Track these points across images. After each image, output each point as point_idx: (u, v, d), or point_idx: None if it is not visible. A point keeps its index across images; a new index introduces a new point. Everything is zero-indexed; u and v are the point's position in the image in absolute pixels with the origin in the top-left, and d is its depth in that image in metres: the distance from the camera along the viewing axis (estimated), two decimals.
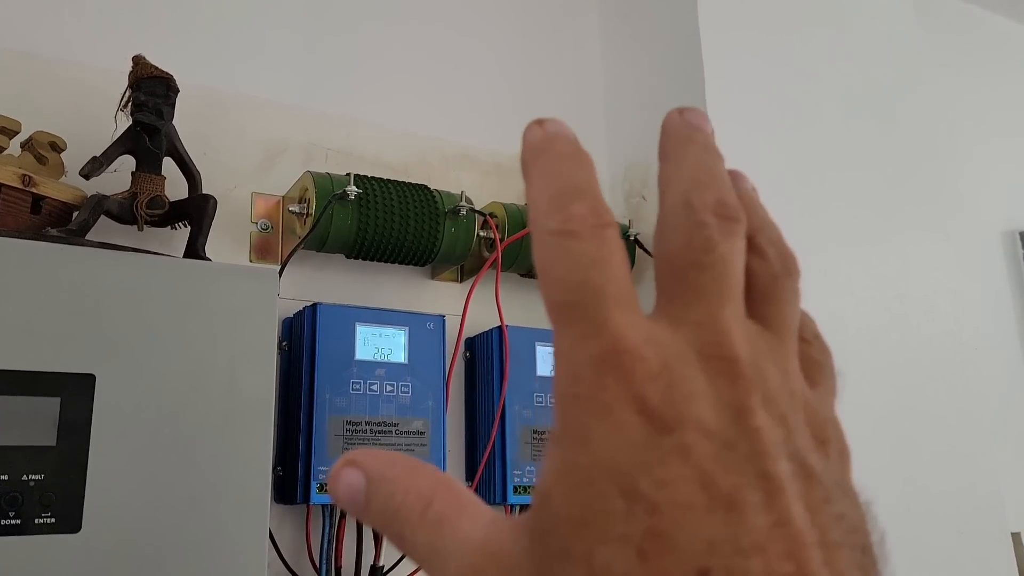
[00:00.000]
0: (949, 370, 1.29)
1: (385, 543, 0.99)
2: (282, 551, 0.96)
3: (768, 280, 0.23)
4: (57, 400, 0.66)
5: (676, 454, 0.19)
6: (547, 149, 0.23)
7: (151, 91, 0.88)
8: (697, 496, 0.18)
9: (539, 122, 0.24)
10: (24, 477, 0.64)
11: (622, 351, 0.20)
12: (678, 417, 0.19)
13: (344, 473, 0.24)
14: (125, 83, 0.90)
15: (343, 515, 0.98)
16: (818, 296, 1.16)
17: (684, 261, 0.21)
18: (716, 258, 0.21)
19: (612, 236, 0.21)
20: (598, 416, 0.19)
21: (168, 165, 0.92)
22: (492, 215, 1.11)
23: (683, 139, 0.24)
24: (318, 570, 0.96)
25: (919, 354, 1.26)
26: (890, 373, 1.21)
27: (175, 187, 0.92)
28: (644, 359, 0.20)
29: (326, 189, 0.99)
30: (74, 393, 0.67)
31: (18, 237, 0.71)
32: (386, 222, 1.02)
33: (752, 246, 0.23)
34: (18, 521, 0.63)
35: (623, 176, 1.32)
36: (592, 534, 0.18)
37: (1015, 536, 1.38)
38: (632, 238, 1.21)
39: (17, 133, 0.83)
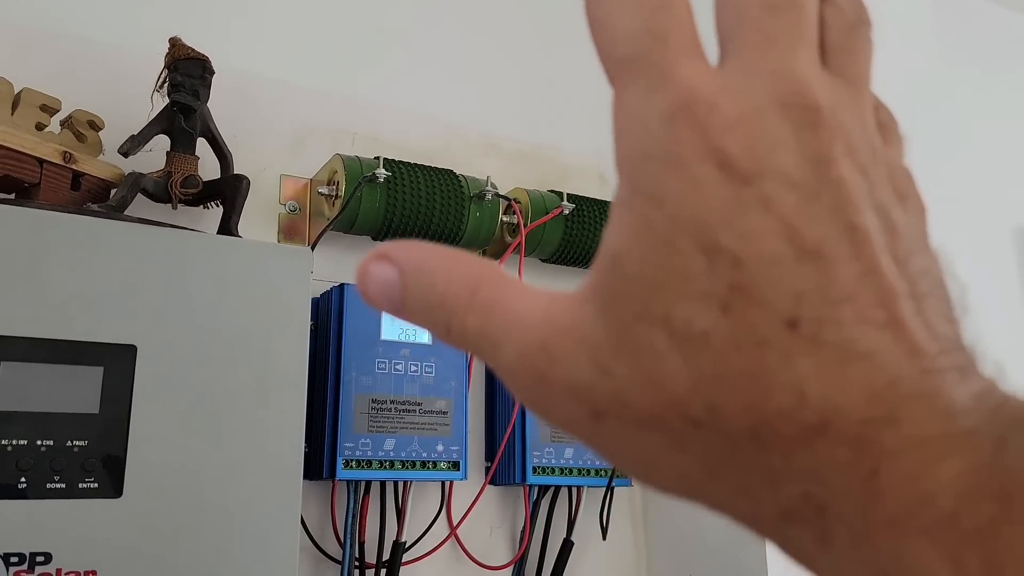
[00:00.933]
0: None
1: (408, 519, 1.01)
2: (308, 526, 0.98)
3: (842, 29, 0.21)
4: (100, 370, 0.69)
5: (758, 206, 0.18)
6: None
7: (187, 72, 0.90)
8: (782, 248, 0.17)
9: None
10: (68, 443, 0.66)
11: (696, 101, 0.19)
12: (759, 168, 0.18)
13: (375, 268, 0.22)
14: (158, 65, 0.92)
15: (367, 491, 1.00)
16: None
17: (755, 4, 0.20)
18: (791, 0, 0.20)
19: None
20: (673, 171, 0.18)
21: (200, 146, 0.94)
22: (516, 200, 1.13)
23: None
24: (342, 545, 0.98)
25: None
26: None
27: (206, 168, 0.94)
28: (720, 108, 0.18)
29: (355, 172, 1.01)
30: (116, 363, 0.69)
31: (61, 211, 0.73)
32: (413, 205, 1.04)
33: None
34: (63, 485, 0.65)
35: None
36: (671, 293, 0.18)
37: None
38: None
39: (57, 111, 0.85)
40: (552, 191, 1.19)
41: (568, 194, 1.17)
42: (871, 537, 0.16)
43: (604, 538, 1.15)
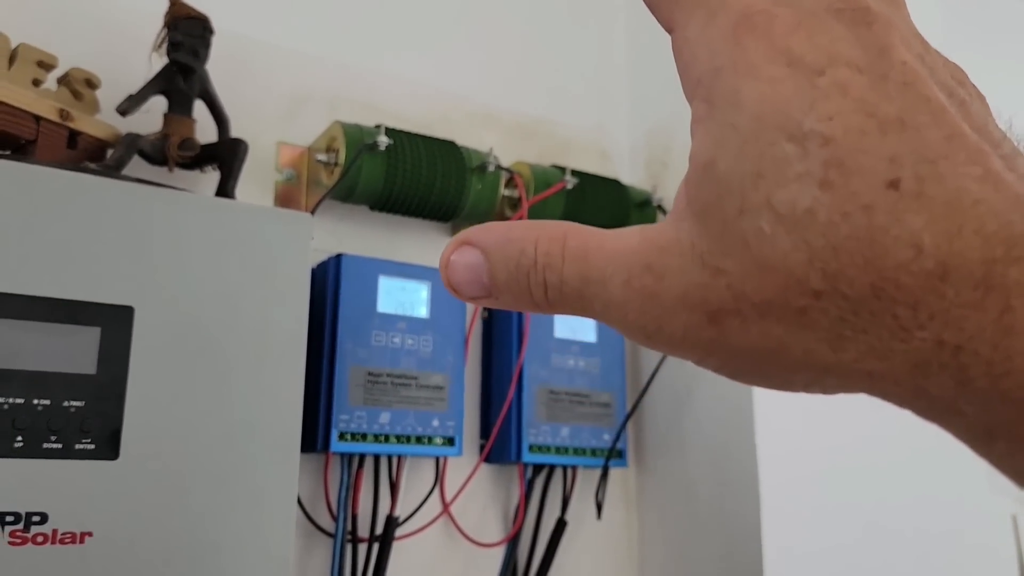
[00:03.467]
0: None
1: (402, 494, 1.00)
2: (301, 499, 0.96)
3: None
4: (97, 330, 0.67)
5: (834, 90, 0.19)
6: None
7: (187, 31, 0.88)
8: (866, 122, 0.18)
9: None
10: (65, 403, 0.64)
11: (755, 13, 0.20)
12: (827, 59, 0.19)
13: (458, 256, 0.23)
14: (154, 24, 0.90)
15: (361, 465, 0.99)
16: None
17: None
18: None
19: None
20: (747, 76, 0.19)
21: (196, 110, 0.92)
22: (518, 173, 1.12)
23: None
24: (335, 518, 0.97)
25: None
26: None
27: (203, 132, 0.92)
28: (778, 16, 0.20)
29: (355, 139, 0.99)
30: (114, 324, 0.67)
31: (59, 168, 0.71)
32: (414, 175, 1.02)
33: None
34: (59, 445, 0.63)
35: (645, 142, 1.32)
36: (769, 182, 0.19)
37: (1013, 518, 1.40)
38: (656, 204, 1.21)
39: (54, 68, 0.83)
40: (555, 166, 1.18)
41: (571, 170, 1.16)
42: (1012, 370, 0.17)
43: (599, 518, 1.14)
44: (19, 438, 0.61)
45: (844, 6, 0.20)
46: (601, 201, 1.18)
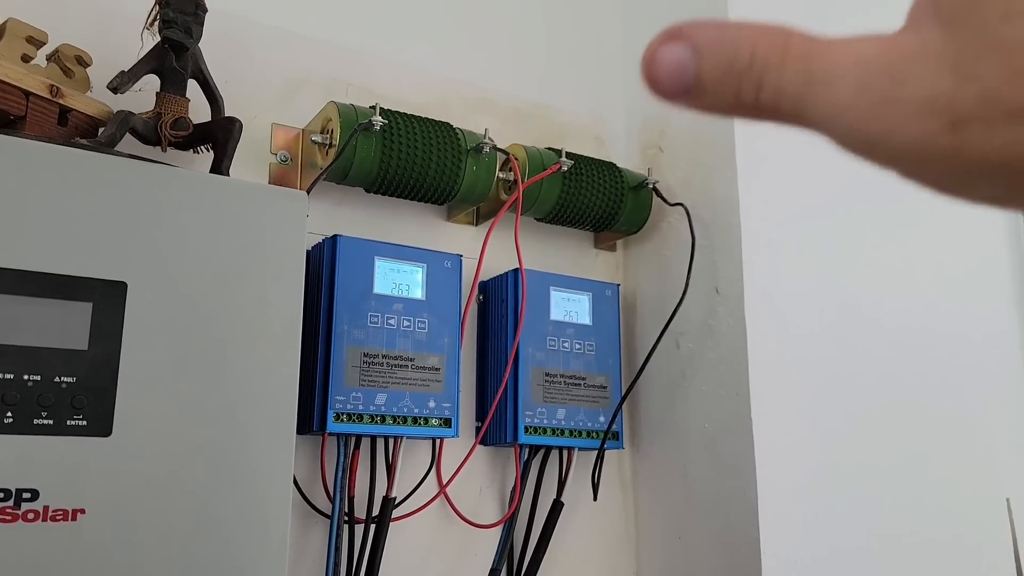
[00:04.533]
0: (948, 348, 1.30)
1: (398, 475, 0.99)
2: (297, 479, 0.96)
3: None
4: (89, 305, 0.66)
5: None
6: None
7: (180, 8, 0.87)
8: None
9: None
10: (56, 379, 0.63)
11: None
12: None
13: (665, 50, 0.22)
14: (147, 3, 0.89)
15: (357, 446, 0.98)
16: (821, 290, 1.16)
17: None
18: None
19: None
20: None
21: (190, 89, 0.91)
22: (514, 156, 1.11)
23: None
24: (332, 499, 0.96)
25: (924, 340, 1.27)
26: (896, 359, 1.22)
27: (196, 111, 0.91)
28: None
29: (350, 120, 0.98)
30: (106, 299, 0.67)
31: (51, 143, 0.70)
32: (409, 156, 1.01)
33: None
34: (50, 421, 0.63)
35: (640, 127, 1.31)
36: None
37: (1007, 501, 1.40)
38: (651, 187, 1.20)
39: (44, 44, 0.82)
40: (550, 148, 1.17)
41: (567, 152, 1.15)
42: None
43: (595, 499, 1.14)
44: (9, 414, 0.61)
45: None
46: (597, 183, 1.17)
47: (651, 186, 1.20)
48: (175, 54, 0.88)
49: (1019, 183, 0.20)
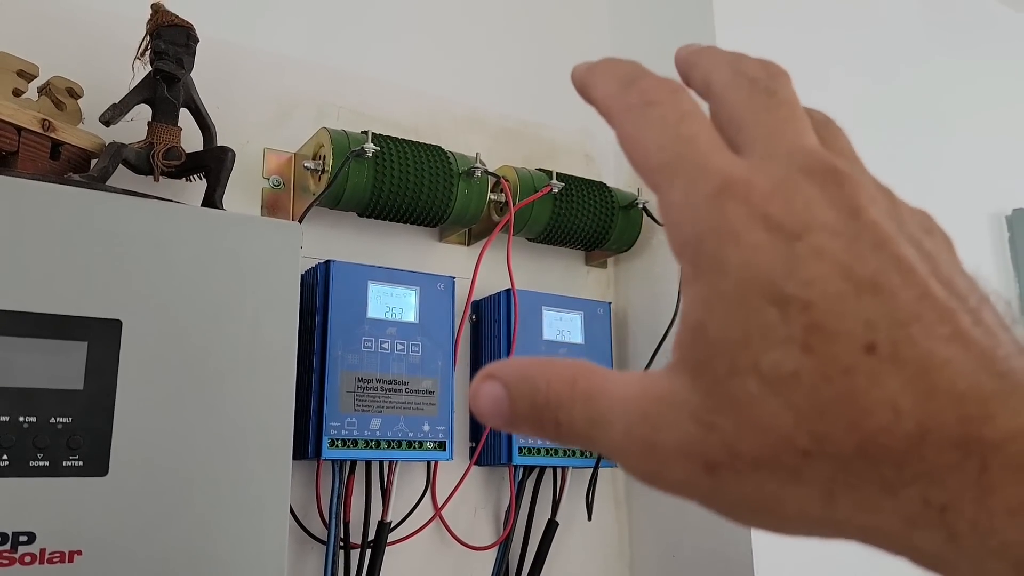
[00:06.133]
0: None
1: (393, 499, 1.00)
2: (292, 506, 0.96)
3: (820, 123, 0.25)
4: (85, 344, 0.66)
5: (812, 255, 0.20)
6: (598, 64, 0.26)
7: (171, 39, 0.87)
8: (843, 285, 0.19)
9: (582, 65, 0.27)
10: (52, 419, 0.64)
11: (734, 182, 0.21)
12: (804, 224, 0.20)
13: (484, 387, 0.25)
14: (140, 32, 0.89)
15: (352, 471, 0.99)
16: None
17: (752, 107, 0.23)
18: (783, 98, 0.23)
19: (687, 97, 0.23)
20: (729, 243, 0.20)
21: (182, 118, 0.91)
22: (505, 178, 1.11)
23: (699, 48, 0.26)
24: (327, 525, 0.96)
25: None
26: None
27: (189, 140, 0.92)
28: (756, 184, 0.21)
29: (343, 146, 0.99)
30: (101, 338, 0.67)
31: (42, 180, 0.70)
32: (401, 181, 1.02)
33: None
34: (47, 463, 0.63)
35: None
36: (755, 346, 0.20)
37: None
38: (640, 207, 1.21)
39: (35, 77, 0.82)
40: (540, 170, 1.18)
41: (557, 173, 1.16)
42: (996, 529, 0.17)
43: (589, 519, 1.14)
44: (4, 456, 0.61)
45: (815, 167, 0.21)
46: (587, 204, 1.17)
47: (641, 206, 1.21)
48: (167, 84, 0.88)
49: (780, 524, 0.21)
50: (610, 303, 1.20)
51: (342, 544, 0.97)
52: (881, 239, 0.20)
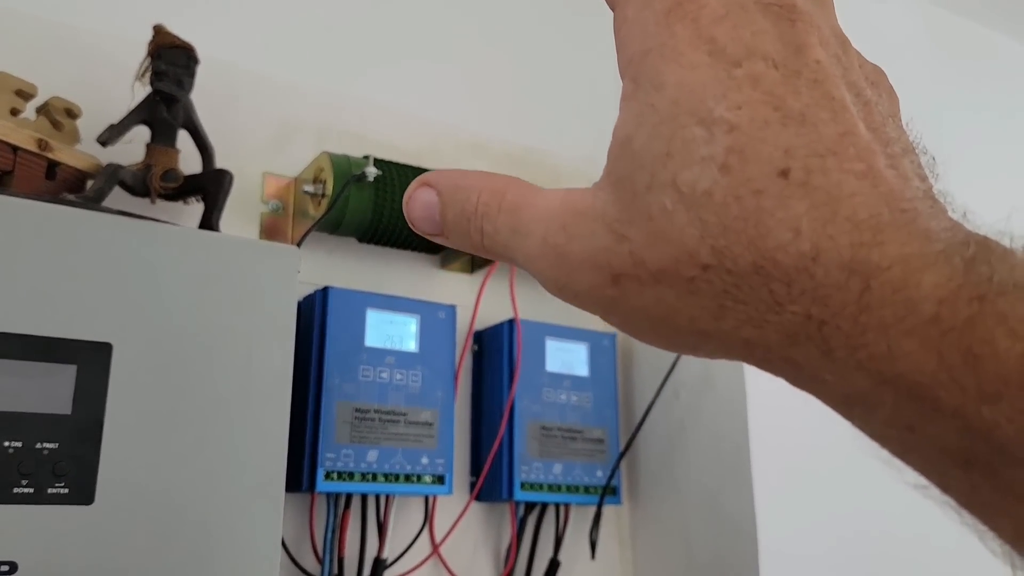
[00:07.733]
0: None
1: (390, 535, 0.97)
2: (285, 540, 0.93)
3: None
4: (74, 368, 0.64)
5: (747, 82, 0.20)
6: None
7: (172, 61, 0.86)
8: (771, 114, 0.20)
9: None
10: (38, 445, 0.61)
11: (687, 1, 0.21)
12: (746, 51, 0.21)
13: (419, 194, 0.26)
14: (140, 53, 0.88)
15: (348, 505, 0.96)
16: None
17: None
18: None
19: None
20: (671, 60, 0.21)
21: (181, 140, 0.89)
22: None
23: None
24: (321, 561, 0.93)
25: None
26: None
27: (187, 162, 0.90)
28: (709, 4, 0.21)
29: (343, 170, 0.97)
30: (91, 361, 0.65)
31: (36, 200, 0.68)
32: (402, 206, 1.00)
33: None
34: (31, 490, 0.60)
35: None
36: (676, 162, 0.20)
37: None
38: None
39: (33, 97, 0.81)
40: None
41: None
42: (866, 342, 0.18)
43: (593, 557, 1.11)
44: None
45: (772, 0, 0.21)
46: None
47: None
48: (166, 106, 0.86)
49: (671, 336, 0.22)
50: (615, 334, 1.17)
51: None
52: (819, 78, 0.21)
